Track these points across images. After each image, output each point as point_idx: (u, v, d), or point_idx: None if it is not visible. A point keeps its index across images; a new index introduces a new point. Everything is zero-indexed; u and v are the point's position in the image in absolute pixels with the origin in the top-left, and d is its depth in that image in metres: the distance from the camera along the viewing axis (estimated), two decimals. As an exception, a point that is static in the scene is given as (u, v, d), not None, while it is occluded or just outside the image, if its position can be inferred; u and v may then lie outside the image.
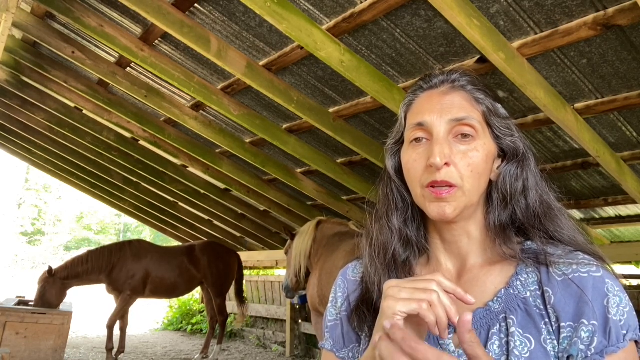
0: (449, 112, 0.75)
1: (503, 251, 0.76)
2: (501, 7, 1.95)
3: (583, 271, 0.69)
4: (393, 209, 0.83)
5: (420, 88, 0.82)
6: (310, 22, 2.31)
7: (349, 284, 0.88)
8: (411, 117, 0.79)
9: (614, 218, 3.68)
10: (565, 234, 0.76)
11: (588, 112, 2.45)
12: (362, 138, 3.33)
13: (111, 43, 2.99)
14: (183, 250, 6.11)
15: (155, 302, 10.60)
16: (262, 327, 7.65)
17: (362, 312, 0.80)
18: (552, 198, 0.79)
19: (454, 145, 0.74)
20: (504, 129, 0.77)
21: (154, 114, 4.26)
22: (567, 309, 0.67)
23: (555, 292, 0.69)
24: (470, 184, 0.73)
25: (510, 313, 0.71)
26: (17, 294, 6.21)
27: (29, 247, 32.14)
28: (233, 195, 5.75)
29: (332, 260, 3.53)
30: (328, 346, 0.86)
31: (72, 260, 5.42)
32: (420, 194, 0.75)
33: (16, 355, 4.56)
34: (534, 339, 0.68)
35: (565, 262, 0.71)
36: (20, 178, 32.31)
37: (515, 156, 0.78)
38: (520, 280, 0.73)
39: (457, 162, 0.72)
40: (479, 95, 0.77)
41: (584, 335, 0.65)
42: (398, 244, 0.81)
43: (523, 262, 0.74)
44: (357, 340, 0.83)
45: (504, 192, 0.77)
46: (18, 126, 5.65)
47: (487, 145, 0.75)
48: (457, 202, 0.72)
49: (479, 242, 0.79)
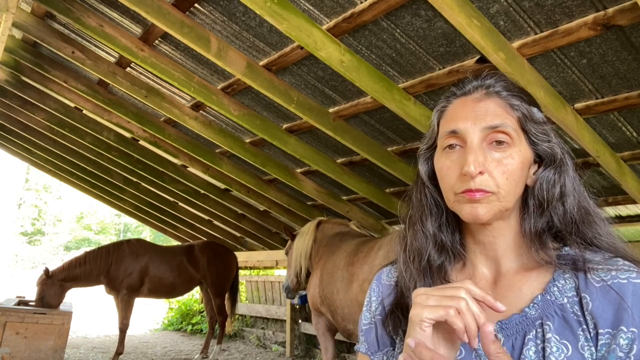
0: (483, 119, 0.74)
1: (540, 257, 0.74)
2: (501, 7, 1.95)
3: (622, 277, 0.68)
4: (427, 214, 0.82)
5: (453, 94, 0.82)
6: (310, 22, 2.31)
7: (384, 288, 0.88)
8: (444, 124, 0.79)
9: (614, 218, 3.68)
10: (604, 240, 0.74)
11: (588, 112, 2.46)
12: (362, 138, 3.33)
13: (111, 43, 2.99)
14: (182, 250, 6.11)
15: (155, 302, 10.61)
16: (262, 327, 7.65)
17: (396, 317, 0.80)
18: (590, 203, 0.78)
19: (488, 152, 0.73)
20: (540, 135, 0.76)
21: (154, 114, 4.26)
22: (606, 316, 0.66)
23: (594, 299, 0.68)
24: (506, 190, 0.72)
25: (546, 319, 0.70)
26: (17, 294, 6.21)
27: (29, 247, 32.12)
28: (233, 195, 5.75)
29: (333, 260, 3.53)
30: (363, 349, 0.86)
31: (70, 261, 5.40)
32: (454, 200, 0.75)
33: (16, 355, 4.56)
34: (571, 346, 0.67)
35: (604, 269, 0.69)
36: (20, 178, 32.31)
37: (553, 162, 0.76)
38: (557, 287, 0.72)
39: (492, 170, 0.72)
40: (514, 102, 0.76)
41: (623, 343, 0.63)
42: (433, 249, 0.80)
43: (560, 268, 0.73)
44: (392, 344, 0.83)
45: (541, 199, 0.76)
46: (18, 126, 5.65)
47: (523, 152, 0.74)
48: (490, 205, 0.72)
49: (514, 246, 0.78)
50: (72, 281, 5.27)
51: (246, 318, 8.04)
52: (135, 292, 5.59)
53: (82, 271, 5.31)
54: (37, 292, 5.08)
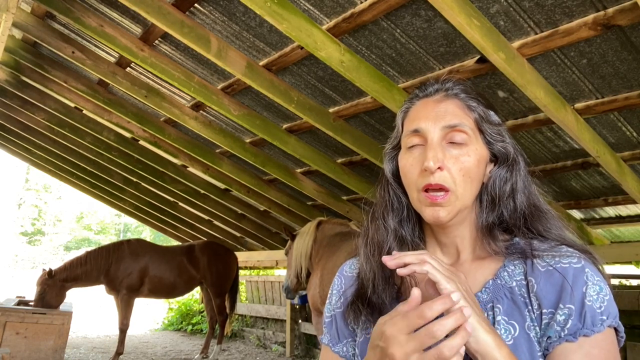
0: (443, 119, 0.79)
1: (491, 248, 0.80)
2: (501, 7, 1.95)
3: (565, 262, 0.73)
4: (389, 209, 0.87)
5: (416, 96, 0.87)
6: (310, 22, 2.31)
7: (346, 279, 0.93)
8: (407, 124, 0.84)
9: (614, 218, 3.68)
10: (553, 232, 0.80)
11: (588, 112, 2.45)
12: (362, 138, 3.33)
13: (111, 43, 2.99)
14: (182, 250, 6.10)
15: (155, 302, 10.61)
16: (262, 327, 7.65)
17: (357, 307, 0.84)
18: (540, 200, 0.83)
19: (447, 150, 0.77)
20: (495, 135, 0.81)
21: (154, 114, 4.26)
22: (549, 297, 0.71)
23: (538, 281, 0.73)
24: (463, 187, 0.76)
25: (497, 302, 0.75)
26: (17, 294, 6.20)
27: (29, 247, 32.12)
28: (233, 195, 5.75)
29: (334, 260, 3.54)
30: (325, 340, 0.91)
31: (71, 261, 5.39)
32: (417, 198, 0.79)
33: (16, 355, 4.56)
34: (518, 326, 0.72)
35: (549, 255, 0.75)
36: (20, 178, 32.31)
37: (506, 161, 0.82)
38: (507, 272, 0.78)
39: (450, 167, 0.76)
40: (472, 103, 0.81)
41: (560, 318, 0.69)
42: (394, 243, 0.85)
43: (510, 256, 0.78)
44: (351, 335, 0.87)
45: (493, 195, 0.81)
46: (18, 126, 5.65)
47: (479, 151, 0.79)
48: (451, 206, 0.76)
49: (470, 239, 0.83)
50: (73, 281, 5.27)
51: (246, 318, 8.04)
52: (135, 292, 5.58)
53: (83, 271, 5.31)
54: (37, 292, 5.06)
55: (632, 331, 3.74)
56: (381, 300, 0.81)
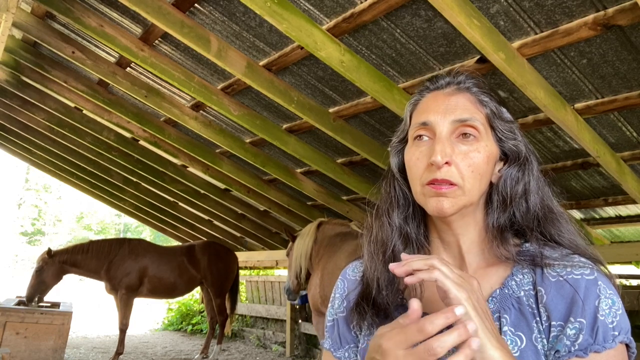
0: (453, 112, 0.76)
1: (500, 252, 0.76)
2: (501, 7, 1.95)
3: (576, 273, 0.70)
4: (394, 206, 0.84)
5: (426, 88, 0.83)
6: (310, 22, 2.31)
7: (349, 283, 0.90)
8: (416, 117, 0.81)
9: (614, 218, 3.68)
10: (566, 237, 0.77)
11: (588, 112, 2.45)
12: (362, 138, 3.33)
13: (111, 43, 2.99)
14: (182, 250, 6.11)
15: (155, 302, 10.61)
16: (262, 327, 7.65)
17: (362, 308, 0.81)
18: (554, 202, 0.80)
19: (456, 145, 0.74)
20: (507, 132, 0.78)
21: (154, 114, 4.26)
22: (559, 308, 0.68)
23: (548, 292, 0.70)
24: (471, 183, 0.73)
25: (504, 312, 0.72)
26: (17, 294, 6.21)
27: (29, 247, 32.11)
28: (233, 195, 5.75)
29: (334, 260, 3.54)
30: (327, 345, 0.88)
31: (75, 246, 5.51)
32: (420, 192, 0.76)
33: (16, 355, 4.56)
34: (525, 337, 0.69)
35: (560, 265, 0.72)
36: (20, 178, 32.31)
37: (517, 159, 0.79)
38: (515, 281, 0.74)
39: (458, 162, 0.73)
40: (484, 98, 0.78)
41: (570, 332, 0.66)
42: (398, 241, 0.82)
43: (519, 263, 0.75)
44: (353, 341, 0.84)
45: (504, 195, 0.78)
46: (18, 126, 5.65)
47: (489, 147, 0.76)
48: (455, 199, 0.73)
49: (477, 242, 0.79)
50: (72, 266, 5.35)
51: (246, 318, 8.04)
52: (134, 292, 5.59)
53: (83, 258, 5.39)
54: (35, 268, 5.17)
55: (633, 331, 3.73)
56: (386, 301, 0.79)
